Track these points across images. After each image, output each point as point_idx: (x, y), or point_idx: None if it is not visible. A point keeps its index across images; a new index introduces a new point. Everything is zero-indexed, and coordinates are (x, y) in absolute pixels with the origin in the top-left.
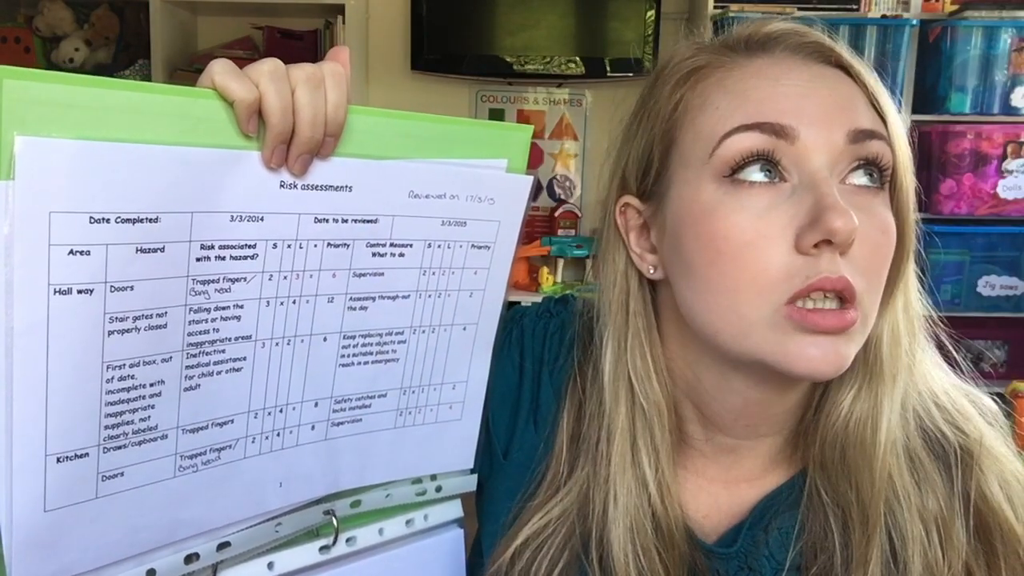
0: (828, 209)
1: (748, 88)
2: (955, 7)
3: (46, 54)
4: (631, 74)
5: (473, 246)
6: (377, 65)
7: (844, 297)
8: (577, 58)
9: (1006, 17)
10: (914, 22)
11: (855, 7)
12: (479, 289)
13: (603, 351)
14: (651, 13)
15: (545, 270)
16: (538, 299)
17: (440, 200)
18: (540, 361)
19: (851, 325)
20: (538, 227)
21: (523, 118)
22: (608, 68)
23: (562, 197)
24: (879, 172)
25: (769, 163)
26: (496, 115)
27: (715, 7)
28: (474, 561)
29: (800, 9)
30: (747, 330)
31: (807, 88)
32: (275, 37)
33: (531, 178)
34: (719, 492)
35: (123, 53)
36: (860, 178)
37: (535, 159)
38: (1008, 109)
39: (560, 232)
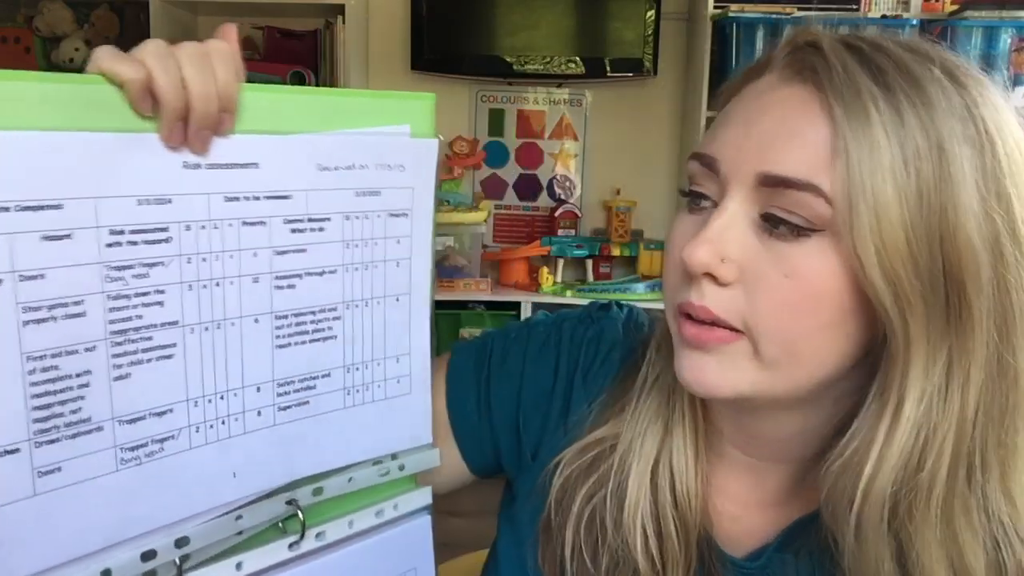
0: (691, 239)
1: (723, 115)
2: (955, 7)
3: (46, 54)
4: (631, 74)
5: (391, 215)
6: (377, 65)
7: (713, 323)
8: (577, 58)
9: (1006, 17)
10: (914, 22)
11: (855, 7)
12: (405, 258)
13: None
14: (651, 13)
15: (545, 270)
16: (539, 299)
17: (350, 171)
18: (575, 365)
19: (715, 340)
20: (538, 227)
21: (523, 118)
22: (608, 68)
23: (562, 197)
24: (801, 219)
25: (700, 192)
26: (496, 115)
27: (715, 7)
28: (488, 567)
29: (800, 9)
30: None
31: (751, 117)
32: (275, 37)
33: (436, 140)
34: (741, 514)
35: None
36: (773, 220)
37: (535, 159)
38: None
39: (560, 232)
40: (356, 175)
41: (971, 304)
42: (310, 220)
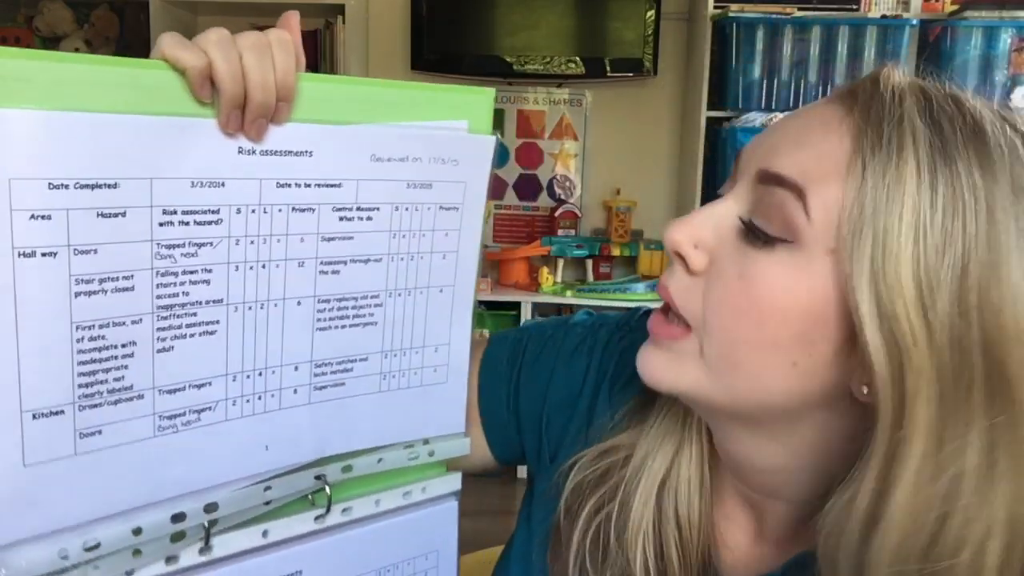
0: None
1: None
2: (955, 7)
3: None
4: (631, 74)
5: (441, 208)
6: (377, 65)
7: (670, 309)
8: (577, 58)
9: (1006, 17)
10: (914, 22)
11: (855, 7)
12: (452, 251)
13: None
14: (651, 13)
15: (545, 270)
16: (539, 299)
17: (403, 163)
18: (604, 372)
19: (666, 336)
20: (538, 227)
21: (523, 118)
22: (608, 68)
23: (562, 197)
24: (774, 227)
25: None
26: (496, 115)
27: (715, 7)
28: (501, 561)
29: (800, 9)
30: None
31: (780, 125)
32: None
33: (493, 138)
34: (746, 544)
35: (123, 53)
36: (751, 226)
37: (535, 159)
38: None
39: (560, 232)
40: (409, 167)
41: (1015, 389)
42: (359, 209)
